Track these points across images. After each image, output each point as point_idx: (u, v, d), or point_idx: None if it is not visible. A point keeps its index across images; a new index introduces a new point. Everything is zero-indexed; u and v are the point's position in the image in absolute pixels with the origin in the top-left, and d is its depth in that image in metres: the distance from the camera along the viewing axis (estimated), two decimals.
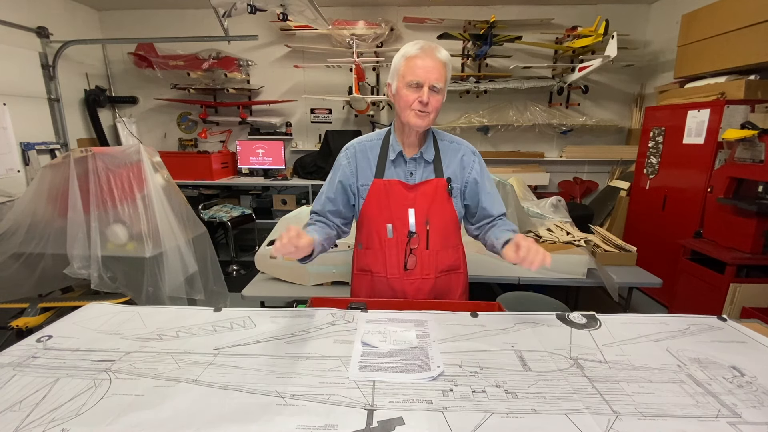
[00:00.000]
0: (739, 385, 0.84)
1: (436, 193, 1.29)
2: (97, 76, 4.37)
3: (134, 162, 2.37)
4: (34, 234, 2.36)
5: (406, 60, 1.18)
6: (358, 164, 1.32)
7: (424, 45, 1.18)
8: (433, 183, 1.29)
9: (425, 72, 1.15)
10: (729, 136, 2.43)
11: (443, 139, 1.35)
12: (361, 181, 1.31)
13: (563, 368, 0.90)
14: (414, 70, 1.16)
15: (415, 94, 1.17)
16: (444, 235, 1.32)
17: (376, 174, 1.30)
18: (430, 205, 1.29)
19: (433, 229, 1.29)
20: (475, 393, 0.82)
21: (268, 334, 1.05)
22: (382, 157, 1.30)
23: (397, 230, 1.29)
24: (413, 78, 1.16)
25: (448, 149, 1.33)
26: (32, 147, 3.49)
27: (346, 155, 1.34)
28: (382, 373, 0.88)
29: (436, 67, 1.16)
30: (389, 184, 1.28)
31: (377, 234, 1.32)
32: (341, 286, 2.06)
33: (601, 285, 2.14)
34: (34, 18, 3.60)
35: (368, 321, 1.10)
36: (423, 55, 1.16)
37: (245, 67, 4.36)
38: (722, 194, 2.47)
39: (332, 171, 1.36)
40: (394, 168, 1.30)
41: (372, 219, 1.31)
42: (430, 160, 1.30)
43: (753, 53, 2.58)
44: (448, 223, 1.32)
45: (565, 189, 4.50)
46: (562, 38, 4.09)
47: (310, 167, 4.31)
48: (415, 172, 1.30)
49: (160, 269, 2.33)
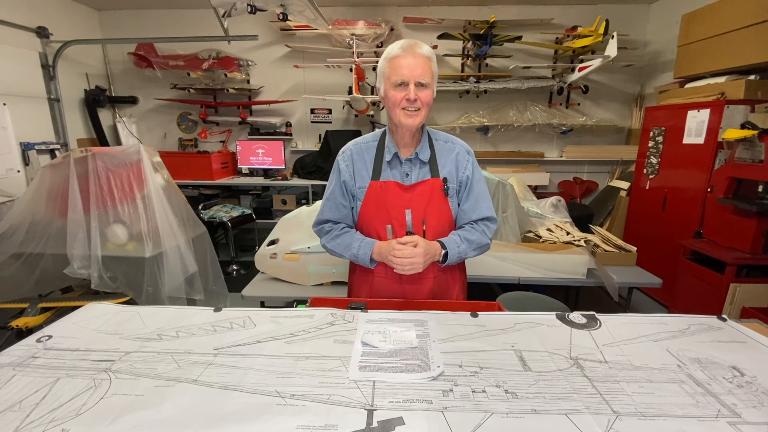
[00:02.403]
0: (739, 385, 0.84)
1: (432, 193, 1.29)
2: (97, 76, 4.37)
3: (134, 162, 2.37)
4: (34, 234, 2.36)
5: (389, 61, 1.19)
6: (355, 166, 1.32)
7: (404, 44, 1.18)
8: (429, 183, 1.29)
9: (409, 70, 1.16)
10: (729, 136, 2.43)
11: (438, 138, 1.35)
12: (358, 184, 1.32)
13: (563, 368, 0.90)
14: (397, 69, 1.17)
15: (402, 93, 1.18)
16: (440, 235, 1.31)
17: (372, 176, 1.30)
18: (426, 206, 1.29)
19: (429, 229, 1.29)
20: (475, 393, 0.82)
21: (268, 334, 1.04)
22: (378, 158, 1.31)
23: (396, 231, 1.29)
24: (398, 77, 1.17)
25: (443, 149, 1.33)
26: (32, 147, 3.49)
27: (344, 158, 1.34)
28: (382, 373, 0.88)
29: (420, 63, 1.16)
30: (386, 186, 1.29)
31: (377, 235, 1.32)
32: (341, 286, 2.06)
33: (601, 285, 2.14)
34: (34, 18, 3.60)
35: (368, 321, 1.10)
36: (405, 54, 1.17)
37: (245, 67, 4.36)
38: (722, 194, 2.47)
39: (333, 176, 1.37)
40: (390, 169, 1.30)
41: (371, 221, 1.32)
42: (425, 161, 1.30)
43: (753, 53, 2.58)
44: (444, 222, 1.32)
45: (565, 189, 4.50)
46: (562, 38, 4.09)
47: (310, 167, 4.31)
48: (411, 173, 1.30)
49: (160, 269, 2.33)
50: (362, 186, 1.31)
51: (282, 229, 2.06)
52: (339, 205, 1.35)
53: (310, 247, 1.97)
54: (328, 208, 1.36)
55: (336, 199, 1.35)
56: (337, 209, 1.35)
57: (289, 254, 2.02)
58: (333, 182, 1.36)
